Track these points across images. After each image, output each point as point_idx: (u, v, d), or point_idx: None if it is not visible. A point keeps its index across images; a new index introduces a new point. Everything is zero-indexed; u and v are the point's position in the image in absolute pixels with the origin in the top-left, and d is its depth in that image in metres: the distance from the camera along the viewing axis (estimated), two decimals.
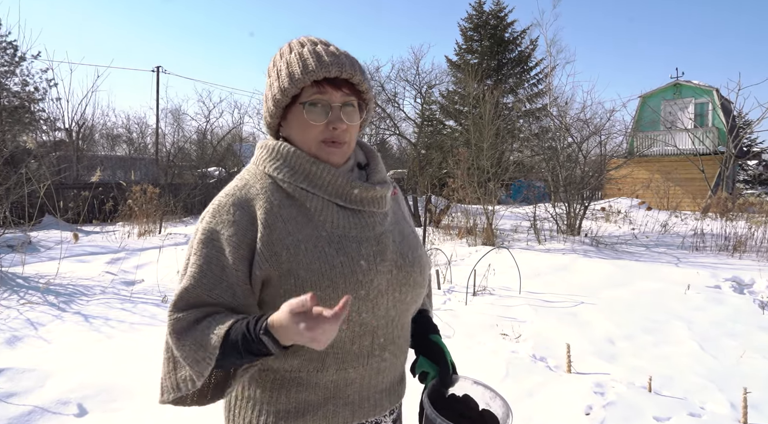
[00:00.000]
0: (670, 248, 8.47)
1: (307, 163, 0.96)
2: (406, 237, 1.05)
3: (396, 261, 0.98)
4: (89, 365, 3.20)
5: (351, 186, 0.97)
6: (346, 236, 0.95)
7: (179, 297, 0.91)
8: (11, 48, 17.94)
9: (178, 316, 0.90)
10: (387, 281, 0.96)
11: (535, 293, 5.22)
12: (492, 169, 9.57)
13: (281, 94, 0.95)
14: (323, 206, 0.96)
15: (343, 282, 0.90)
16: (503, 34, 24.07)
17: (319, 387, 0.94)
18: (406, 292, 0.99)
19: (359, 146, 1.11)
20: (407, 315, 1.03)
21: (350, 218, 0.97)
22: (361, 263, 0.93)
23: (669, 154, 17.93)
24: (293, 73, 0.93)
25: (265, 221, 0.92)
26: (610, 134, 11.06)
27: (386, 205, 1.03)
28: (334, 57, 0.93)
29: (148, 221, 9.96)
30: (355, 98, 0.97)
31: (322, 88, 0.94)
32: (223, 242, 0.92)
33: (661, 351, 3.50)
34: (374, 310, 0.94)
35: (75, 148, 16.64)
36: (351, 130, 0.97)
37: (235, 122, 21.07)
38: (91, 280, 5.61)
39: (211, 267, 0.91)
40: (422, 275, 1.03)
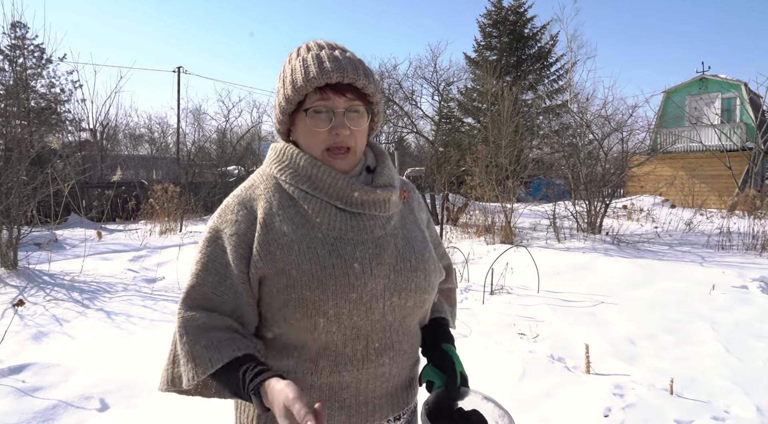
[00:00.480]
0: (695, 246, 8.28)
1: (310, 165, 0.96)
2: (411, 241, 1.03)
3: (395, 265, 0.97)
4: (111, 361, 3.27)
5: (351, 189, 0.96)
6: (342, 239, 0.94)
7: (187, 294, 0.95)
8: (38, 51, 18.47)
9: (187, 315, 0.93)
10: (383, 286, 0.94)
11: (553, 292, 5.15)
12: (511, 166, 9.46)
13: (286, 102, 0.97)
14: (321, 208, 0.96)
15: (333, 284, 0.90)
16: (523, 29, 23.78)
17: (314, 389, 0.95)
18: (407, 297, 0.97)
19: (370, 148, 1.10)
20: (410, 320, 1.01)
21: (348, 221, 0.96)
22: (354, 265, 0.92)
23: (694, 150, 17.50)
24: (296, 80, 0.94)
25: (263, 221, 0.95)
26: (633, 131, 10.84)
27: (389, 209, 1.01)
28: (336, 62, 0.93)
29: (169, 220, 10.14)
30: (360, 103, 0.97)
31: (324, 94, 0.94)
32: (225, 241, 0.95)
33: (683, 352, 3.42)
34: (368, 314, 0.93)
35: (99, 148, 17.04)
36: (356, 135, 0.97)
37: (253, 121, 21.32)
38: (114, 277, 5.73)
39: (215, 264, 0.95)
40: (427, 280, 1.01)
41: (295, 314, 0.91)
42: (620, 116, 10.70)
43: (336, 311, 0.90)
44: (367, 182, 1.02)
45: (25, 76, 14.05)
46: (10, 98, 8.14)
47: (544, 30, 23.69)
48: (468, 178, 10.34)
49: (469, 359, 3.20)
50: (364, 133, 1.00)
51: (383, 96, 1.10)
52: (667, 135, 17.09)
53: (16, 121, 7.31)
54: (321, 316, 0.90)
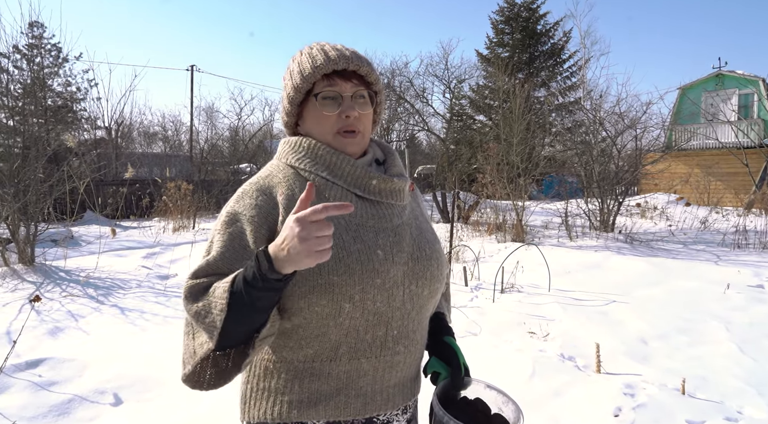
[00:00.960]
0: (710, 245, 8.16)
1: (328, 154, 1.00)
2: (423, 232, 1.07)
3: (413, 253, 1.00)
4: (125, 356, 3.32)
5: (369, 177, 1.00)
6: (364, 226, 0.97)
7: (199, 268, 0.93)
8: (55, 50, 18.74)
9: (194, 282, 0.92)
10: (403, 273, 0.97)
11: (564, 290, 5.12)
12: (522, 164, 9.40)
13: (295, 91, 1.01)
14: (342, 195, 0.99)
15: (359, 269, 0.92)
16: (535, 26, 23.57)
17: (332, 377, 0.96)
18: (423, 285, 1.01)
19: (376, 144, 1.14)
20: (424, 311, 1.04)
21: (368, 209, 0.99)
22: (377, 252, 0.95)
23: (710, 147, 17.22)
24: (304, 70, 0.99)
25: (286, 205, 0.96)
26: (646, 128, 10.69)
27: (404, 199, 1.06)
28: (339, 52, 0.99)
29: (182, 217, 10.25)
30: (364, 88, 1.01)
31: (332, 80, 0.99)
32: (245, 222, 0.95)
33: (696, 352, 3.39)
34: (389, 300, 0.96)
35: (114, 146, 17.27)
36: (363, 118, 1.01)
37: (265, 119, 21.44)
38: (128, 274, 5.82)
39: (233, 244, 0.94)
40: (439, 269, 1.05)
41: (321, 299, 0.91)
42: (634, 113, 10.58)
43: (362, 296, 0.92)
44: (381, 173, 1.06)
45: (42, 74, 14.27)
46: (28, 97, 8.29)
47: (557, 26, 23.47)
48: (479, 176, 10.30)
49: (479, 357, 3.22)
50: (370, 119, 1.05)
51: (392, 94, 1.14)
52: (682, 132, 16.82)
53: (33, 119, 7.44)
54: (347, 301, 0.92)
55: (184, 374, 0.96)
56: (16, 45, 12.66)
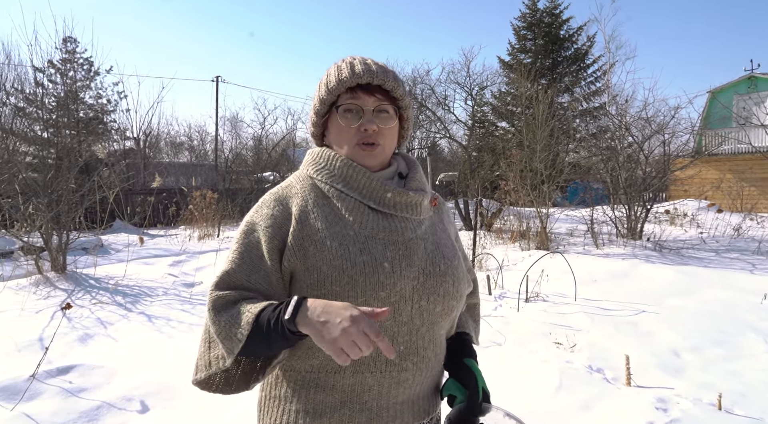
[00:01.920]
0: (744, 253, 7.88)
1: (345, 166, 1.01)
2: (440, 247, 1.05)
3: (424, 268, 0.99)
4: (152, 364, 3.38)
5: (384, 190, 1.00)
6: (373, 238, 0.97)
7: (221, 279, 0.98)
8: (87, 64, 19.39)
9: (218, 294, 0.96)
10: (412, 287, 0.96)
11: (591, 300, 5.00)
12: (546, 171, 9.28)
13: (320, 103, 1.04)
14: (354, 207, 1.00)
15: (363, 281, 0.92)
16: (558, 31, 23.35)
17: (336, 390, 0.96)
18: (435, 301, 0.99)
19: (402, 157, 1.15)
20: (437, 328, 1.02)
21: (380, 221, 0.99)
22: (384, 264, 0.95)
23: (742, 152, 16.70)
24: (329, 82, 1.02)
25: (298, 217, 0.99)
26: (675, 133, 10.44)
27: (421, 213, 1.05)
28: (366, 66, 1.01)
29: (207, 225, 10.42)
30: (389, 104, 1.02)
31: (355, 94, 1.01)
32: (261, 233, 0.99)
33: (732, 366, 3.26)
34: (395, 315, 0.95)
35: (142, 156, 17.72)
36: (385, 133, 1.02)
37: (288, 128, 21.70)
38: (155, 282, 5.93)
39: (250, 254, 0.98)
40: (455, 286, 1.02)
41: None
42: (661, 118, 10.34)
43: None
44: (400, 187, 1.06)
45: (75, 88, 14.77)
46: (62, 109, 8.57)
47: (581, 31, 23.20)
48: (502, 183, 10.19)
49: (503, 368, 3.16)
50: (392, 134, 1.05)
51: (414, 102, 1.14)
52: (713, 137, 16.36)
53: (66, 131, 7.69)
54: None
55: (195, 380, 1.01)
56: (50, 60, 13.15)
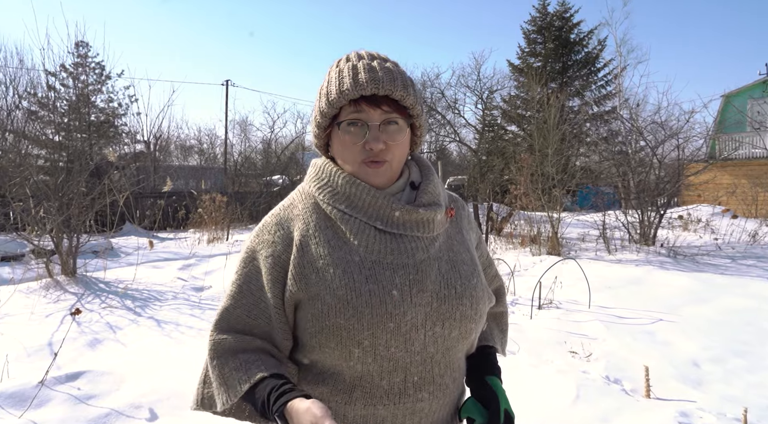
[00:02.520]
0: (762, 260, 7.72)
1: (347, 183, 0.93)
2: (457, 265, 0.95)
3: (438, 292, 0.90)
4: (161, 370, 3.34)
5: (392, 208, 0.91)
6: (380, 263, 0.89)
7: (221, 317, 0.95)
8: (99, 67, 19.58)
9: (219, 338, 0.93)
10: (424, 314, 0.88)
11: (605, 307, 4.90)
12: (558, 175, 9.18)
13: (321, 116, 0.95)
14: (359, 229, 0.91)
15: (369, 312, 0.85)
16: (569, 35, 23.23)
17: (347, 420, 0.90)
18: (451, 327, 0.91)
19: (415, 162, 1.05)
20: (455, 352, 0.94)
21: (388, 243, 0.91)
22: (392, 292, 0.87)
23: (757, 157, 16.46)
24: (330, 93, 0.91)
25: (299, 243, 0.92)
26: (689, 138, 10.29)
27: (434, 229, 0.95)
28: (371, 73, 0.89)
29: (216, 229, 10.43)
30: (398, 115, 0.92)
31: (359, 106, 0.90)
32: (261, 262, 0.94)
33: (756, 378, 3.16)
34: (407, 345, 0.87)
35: (152, 159, 17.82)
36: (393, 149, 0.92)
37: (297, 132, 21.72)
38: (164, 285, 5.91)
39: (249, 287, 0.94)
40: (474, 308, 0.93)
41: (329, 342, 0.87)
42: (675, 122, 10.20)
43: (372, 341, 0.86)
44: (411, 199, 0.97)
45: (87, 91, 14.90)
46: (73, 113, 8.63)
47: (592, 35, 23.06)
48: (511, 187, 10.10)
49: (517, 378, 3.08)
50: (402, 147, 0.95)
51: (426, 107, 1.06)
52: (728, 141, 16.14)
53: (78, 134, 7.73)
54: (355, 346, 0.86)
55: (191, 408, 1.01)
56: (63, 64, 13.28)
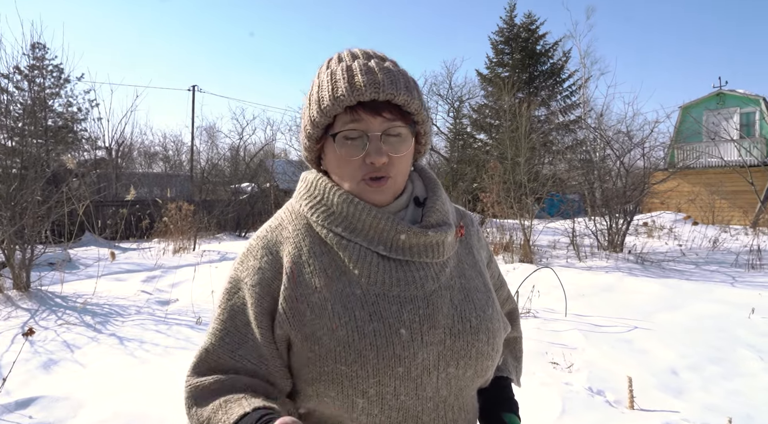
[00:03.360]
0: (723, 265, 7.97)
1: (345, 202, 0.80)
2: (471, 293, 0.84)
3: (452, 328, 0.79)
4: (123, 392, 3.11)
5: (397, 231, 0.79)
6: (386, 296, 0.77)
7: (199, 359, 0.80)
8: (57, 70, 18.79)
9: (196, 382, 0.78)
10: (437, 354, 0.77)
11: (582, 315, 4.91)
12: (529, 183, 9.29)
13: (312, 126, 0.82)
14: (361, 256, 0.79)
15: (374, 356, 0.73)
16: (535, 46, 23.79)
17: None
18: (467, 366, 0.80)
19: (419, 175, 0.92)
20: (469, 391, 0.83)
21: (393, 272, 0.79)
22: (400, 331, 0.75)
23: (713, 166, 17.17)
24: (322, 99, 0.79)
25: (290, 273, 0.79)
26: (653, 147, 10.62)
27: (444, 254, 0.83)
28: (370, 75, 0.77)
29: (182, 238, 10.06)
30: (401, 123, 0.80)
31: (356, 115, 0.78)
32: (247, 293, 0.80)
33: (733, 385, 3.18)
34: (417, 391, 0.76)
35: (114, 167, 17.16)
36: (397, 162, 0.81)
37: (267, 139, 21.41)
38: (127, 299, 5.61)
39: (234, 322, 0.80)
40: (491, 343, 0.82)
41: (329, 390, 0.74)
42: (637, 131, 10.52)
43: (378, 389, 0.73)
44: (416, 218, 0.85)
45: (43, 95, 14.24)
46: (28, 117, 8.18)
47: (557, 46, 23.69)
48: (482, 195, 10.16)
49: None
50: (406, 160, 0.83)
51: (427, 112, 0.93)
52: (689, 151, 16.75)
53: (33, 140, 7.32)
54: (360, 395, 0.73)
55: None
56: (17, 66, 12.64)
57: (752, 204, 15.69)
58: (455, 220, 0.91)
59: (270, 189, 15.35)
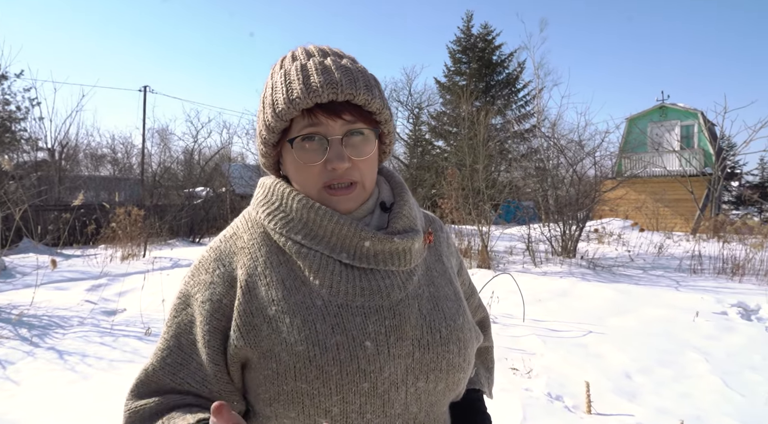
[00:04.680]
0: (668, 270, 8.35)
1: (305, 208, 0.75)
2: (440, 302, 0.80)
3: (420, 339, 0.74)
4: (63, 411, 2.88)
5: (361, 237, 0.74)
6: (348, 307, 0.72)
7: (139, 381, 0.74)
8: None
9: (135, 406, 0.72)
10: (405, 368, 0.72)
11: (539, 320, 4.99)
12: (488, 191, 9.45)
13: (267, 131, 0.76)
14: (322, 265, 0.74)
15: (337, 372, 0.68)
16: (491, 56, 24.40)
17: None
18: (437, 379, 0.75)
19: (386, 179, 0.88)
20: (440, 406, 0.79)
21: (357, 281, 0.74)
22: (365, 344, 0.70)
23: (657, 175, 18.08)
24: (276, 102, 0.74)
25: (245, 284, 0.73)
26: (605, 156, 11.06)
27: (411, 261, 0.79)
28: (327, 75, 0.72)
29: (132, 244, 9.60)
30: (363, 124, 0.76)
31: (314, 118, 0.73)
32: (196, 310, 0.74)
33: (683, 388, 3.29)
34: (385, 408, 0.71)
35: (57, 169, 16.22)
36: (362, 165, 0.76)
37: (223, 142, 20.84)
38: (69, 310, 5.26)
39: (179, 341, 0.74)
40: (462, 354, 0.78)
41: (288, 411, 0.69)
42: (588, 141, 10.95)
43: (342, 407, 0.68)
44: (382, 225, 0.80)
45: None
46: None
47: (512, 57, 24.39)
48: (441, 202, 10.26)
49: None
50: (372, 162, 0.78)
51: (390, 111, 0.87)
52: (636, 161, 17.57)
53: None
54: (322, 415, 0.68)
55: None
56: None
57: (692, 212, 16.61)
58: (423, 226, 0.87)
59: (226, 194, 14.94)
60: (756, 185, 26.07)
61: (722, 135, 17.34)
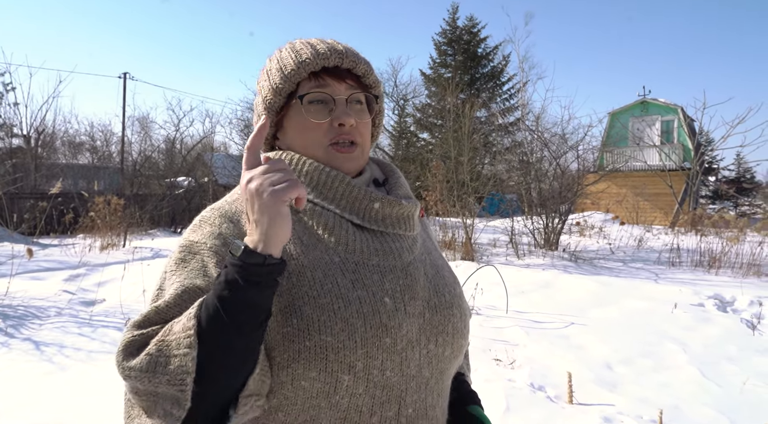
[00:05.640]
0: (647, 263, 8.50)
1: (315, 171, 0.78)
2: (440, 270, 0.84)
3: (429, 300, 0.77)
4: (39, 403, 2.81)
5: (370, 199, 0.77)
6: (365, 264, 0.74)
7: (146, 317, 0.67)
8: None
9: (135, 333, 0.65)
10: (418, 327, 0.74)
11: (522, 312, 5.04)
12: (472, 183, 9.48)
13: (273, 94, 0.78)
14: (336, 224, 0.76)
15: (362, 324, 0.68)
16: (476, 49, 24.41)
17: None
18: (445, 343, 0.77)
19: (374, 162, 0.92)
20: (446, 377, 0.80)
21: (370, 242, 0.76)
22: (385, 300, 0.71)
23: (638, 169, 18.36)
24: (285, 67, 0.79)
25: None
26: (588, 150, 11.18)
27: (414, 228, 0.83)
28: (329, 46, 0.80)
29: (111, 234, 9.41)
30: (361, 91, 0.81)
31: (321, 80, 0.79)
32: (206, 254, 0.70)
33: (662, 378, 3.35)
34: (402, 367, 0.71)
35: (33, 156, 15.79)
36: (361, 128, 0.81)
37: (206, 131, 20.52)
38: (46, 300, 5.14)
39: (194, 282, 0.68)
40: (463, 320, 0.81)
41: (309, 370, 0.66)
42: (571, 134, 11.04)
43: (366, 362, 0.68)
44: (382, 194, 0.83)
45: None
46: None
47: (497, 50, 24.43)
48: (425, 194, 10.27)
49: None
50: (368, 129, 0.82)
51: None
52: (617, 155, 17.79)
53: None
54: (346, 371, 0.67)
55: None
56: None
57: (671, 206, 16.94)
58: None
59: (208, 184, 14.74)
60: (732, 180, 26.71)
61: (701, 130, 17.69)
